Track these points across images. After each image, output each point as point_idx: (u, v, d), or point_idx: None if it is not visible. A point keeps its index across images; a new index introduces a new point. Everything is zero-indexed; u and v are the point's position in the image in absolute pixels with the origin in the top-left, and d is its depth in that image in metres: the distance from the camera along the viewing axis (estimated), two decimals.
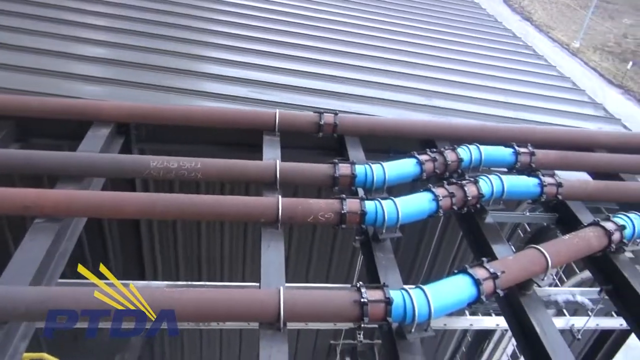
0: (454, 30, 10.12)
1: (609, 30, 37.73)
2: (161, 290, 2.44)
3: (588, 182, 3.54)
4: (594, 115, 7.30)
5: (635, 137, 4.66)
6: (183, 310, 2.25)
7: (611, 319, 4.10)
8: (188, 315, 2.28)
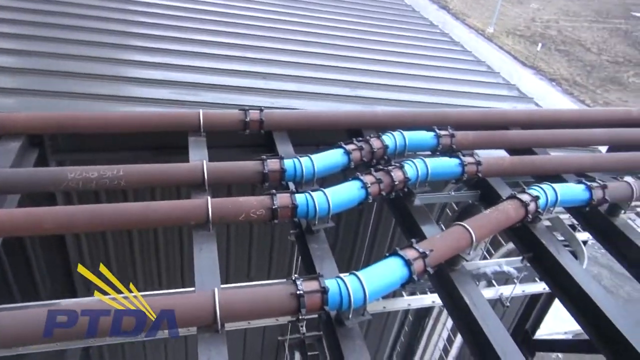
0: (374, 21, 10.35)
1: (519, 15, 40.08)
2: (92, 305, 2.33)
3: (504, 159, 3.75)
4: (508, 96, 7.75)
5: (546, 113, 5.01)
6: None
7: (535, 284, 4.39)
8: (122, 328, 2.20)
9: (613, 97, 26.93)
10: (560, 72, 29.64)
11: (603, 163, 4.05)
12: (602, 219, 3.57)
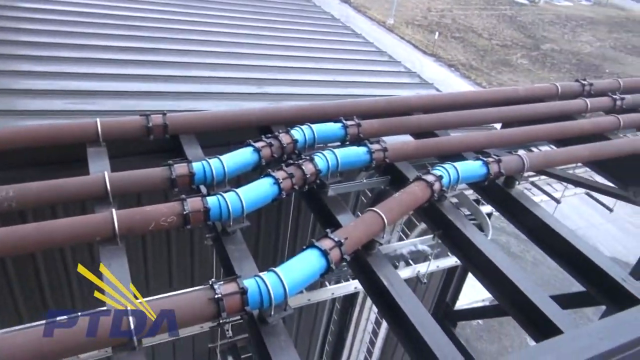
0: (277, 17, 10.36)
1: (416, 5, 42.00)
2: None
3: (409, 143, 3.92)
4: (410, 83, 8.10)
5: (444, 97, 5.28)
6: (22, 357, 2.01)
7: (448, 259, 4.66)
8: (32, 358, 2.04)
9: (505, 78, 29.10)
10: (457, 57, 31.49)
11: (497, 139, 4.35)
12: (500, 191, 3.85)
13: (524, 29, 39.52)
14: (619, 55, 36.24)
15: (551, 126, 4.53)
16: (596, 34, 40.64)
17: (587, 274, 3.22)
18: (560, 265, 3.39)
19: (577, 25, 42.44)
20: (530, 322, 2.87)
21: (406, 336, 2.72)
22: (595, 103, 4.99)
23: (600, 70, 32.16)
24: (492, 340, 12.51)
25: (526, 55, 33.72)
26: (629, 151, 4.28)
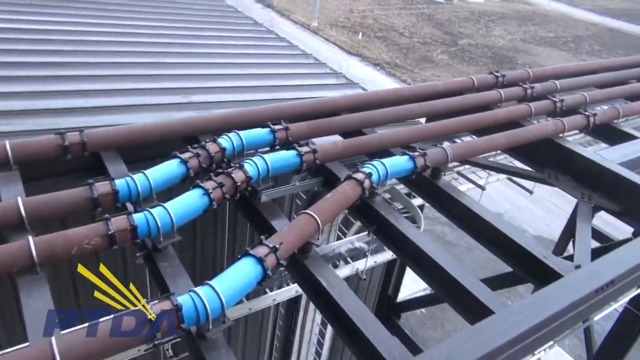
0: (199, 25, 10.17)
1: (338, 7, 42.68)
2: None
3: (337, 143, 3.97)
4: (336, 84, 8.22)
5: (369, 95, 5.39)
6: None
7: (384, 253, 4.77)
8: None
9: (428, 74, 30.25)
10: (381, 56, 32.34)
11: (422, 133, 4.50)
12: (428, 183, 3.99)
13: (441, 26, 41.29)
14: (529, 46, 38.74)
15: (470, 117, 4.75)
16: (507, 28, 43.20)
17: (513, 255, 3.41)
18: (488, 248, 3.57)
19: (489, 21, 44.91)
20: (464, 306, 3.00)
21: (349, 335, 2.75)
22: (509, 93, 5.29)
23: (513, 62, 34.22)
24: (435, 326, 12.95)
25: (446, 51, 35.23)
26: (540, 136, 4.58)
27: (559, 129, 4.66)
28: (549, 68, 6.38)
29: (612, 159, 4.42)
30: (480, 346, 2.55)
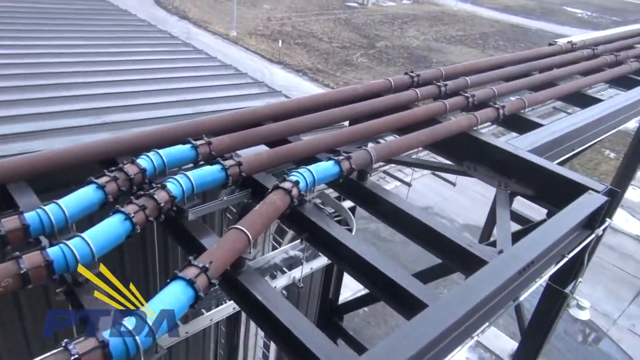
0: (111, 41, 9.76)
1: (256, 16, 42.64)
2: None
3: (262, 154, 3.93)
4: (259, 93, 8.18)
5: (292, 103, 5.38)
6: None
7: (320, 259, 4.79)
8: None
9: (350, 77, 30.92)
10: (303, 62, 32.66)
11: (345, 137, 4.58)
12: (356, 185, 4.05)
13: (358, 30, 42.40)
14: (441, 45, 40.71)
15: (391, 118, 4.89)
16: (420, 29, 45.16)
17: (440, 247, 3.54)
18: (417, 242, 3.68)
19: (403, 23, 46.73)
20: (400, 303, 3.07)
21: (290, 347, 2.72)
22: (424, 92, 5.51)
23: (428, 60, 35.80)
24: (379, 323, 13.20)
25: (365, 54, 36.20)
26: (457, 130, 4.80)
27: (473, 123, 4.91)
28: (460, 65, 6.72)
29: (522, 147, 4.72)
30: (418, 340, 2.62)
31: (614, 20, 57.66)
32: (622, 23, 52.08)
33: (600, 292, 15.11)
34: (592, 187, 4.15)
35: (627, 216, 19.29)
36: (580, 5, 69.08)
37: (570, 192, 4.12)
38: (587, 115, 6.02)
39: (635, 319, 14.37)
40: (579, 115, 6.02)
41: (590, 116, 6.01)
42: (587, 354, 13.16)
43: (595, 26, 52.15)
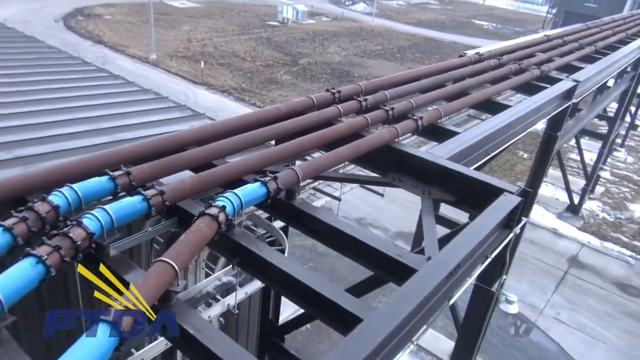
0: (19, 70, 9.17)
1: (175, 38, 41.86)
2: None
3: (186, 181, 3.82)
4: (182, 117, 8.00)
5: (215, 126, 5.27)
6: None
7: (254, 282, 4.71)
8: None
9: (276, 95, 31.04)
10: (228, 82, 32.39)
11: (272, 157, 4.56)
12: (284, 204, 4.04)
13: (281, 48, 42.78)
14: (361, 60, 41.98)
15: (315, 135, 4.94)
16: (341, 45, 46.35)
17: (371, 259, 3.60)
18: (349, 256, 3.72)
19: (324, 39, 47.75)
20: (335, 320, 3.07)
21: None
22: (346, 107, 5.63)
23: (350, 75, 36.75)
24: (322, 339, 13.16)
25: (289, 71, 36.54)
26: (379, 143, 4.94)
27: (394, 135, 5.08)
28: (378, 80, 6.94)
29: (441, 155, 4.94)
30: (356, 354, 2.62)
31: (516, 31, 62.38)
32: (522, 33, 56.51)
33: (526, 285, 16.02)
34: (507, 189, 4.41)
35: (543, 211, 20.70)
36: (485, 18, 74.19)
37: (488, 195, 4.35)
38: (498, 121, 6.41)
39: (559, 308, 15.35)
40: (490, 122, 6.40)
41: (501, 122, 6.41)
42: (520, 345, 13.86)
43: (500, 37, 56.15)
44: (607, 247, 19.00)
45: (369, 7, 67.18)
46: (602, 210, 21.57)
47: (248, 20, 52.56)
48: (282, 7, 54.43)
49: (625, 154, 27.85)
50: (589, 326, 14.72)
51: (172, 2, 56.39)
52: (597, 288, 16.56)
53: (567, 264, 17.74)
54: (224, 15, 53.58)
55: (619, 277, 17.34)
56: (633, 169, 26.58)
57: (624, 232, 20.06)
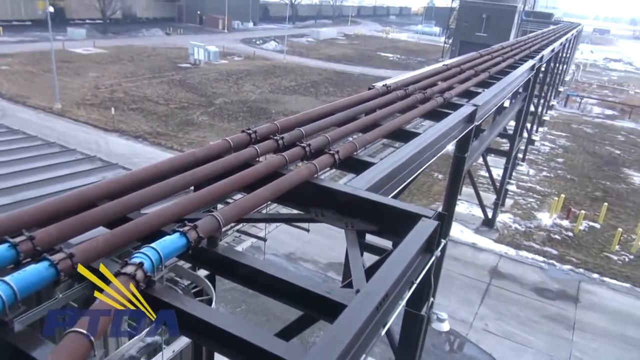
0: None
1: (82, 85, 40.18)
2: None
3: (98, 239, 3.59)
4: (92, 169, 7.61)
5: (127, 178, 5.02)
6: None
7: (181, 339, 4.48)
8: None
9: (193, 136, 30.50)
10: (141, 127, 31.38)
11: (191, 204, 4.42)
12: (207, 252, 3.92)
13: (195, 89, 42.36)
14: (277, 96, 42.58)
15: (234, 178, 4.88)
16: (255, 83, 46.80)
17: (300, 299, 3.56)
18: (277, 299, 3.65)
19: (238, 78, 47.99)
20: None
21: None
22: (263, 147, 5.64)
23: (267, 112, 37.08)
24: None
25: (205, 112, 36.15)
26: (299, 180, 4.98)
27: (313, 171, 5.15)
28: (293, 117, 7.06)
29: (360, 187, 5.07)
30: None
31: (419, 61, 66.68)
32: (425, 62, 60.50)
33: (454, 301, 16.62)
34: (425, 214, 4.60)
35: (462, 227, 21.78)
36: (390, 50, 78.75)
37: (407, 221, 4.51)
38: (410, 148, 6.73)
39: (486, 319, 16.04)
40: (404, 150, 6.70)
41: (413, 149, 6.73)
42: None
43: (405, 67, 59.70)
44: (522, 255, 20.28)
45: (280, 45, 68.86)
46: (514, 222, 23.10)
47: (159, 64, 51.72)
48: (193, 49, 54.22)
49: (527, 167, 30.23)
50: (515, 333, 15.48)
51: (75, 49, 54.28)
52: (518, 296, 17.54)
53: (488, 275, 18.68)
54: (133, 60, 52.35)
55: (535, 283, 18.50)
56: (535, 180, 28.87)
57: (535, 240, 21.57)
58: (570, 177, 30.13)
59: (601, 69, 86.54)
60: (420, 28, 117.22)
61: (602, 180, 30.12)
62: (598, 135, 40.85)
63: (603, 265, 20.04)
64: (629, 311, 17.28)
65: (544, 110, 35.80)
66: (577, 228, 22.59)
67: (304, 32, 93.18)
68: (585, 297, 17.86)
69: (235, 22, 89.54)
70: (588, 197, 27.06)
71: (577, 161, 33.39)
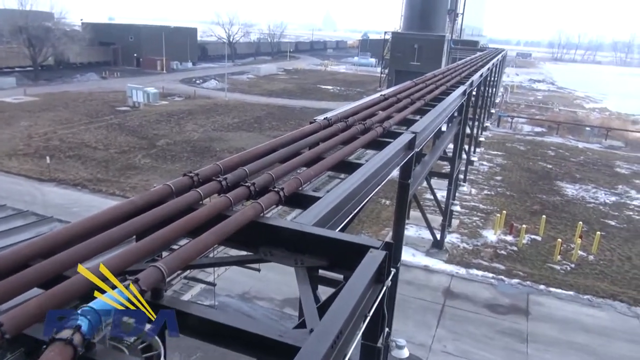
0: None
1: (13, 135, 38.39)
2: None
3: (29, 303, 3.32)
4: (26, 224, 7.19)
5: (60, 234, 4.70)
6: None
7: None
8: None
9: (136, 180, 29.61)
10: (80, 175, 30.18)
11: (134, 255, 4.23)
12: (151, 306, 3.73)
13: (135, 132, 41.39)
14: (221, 134, 42.32)
15: (178, 223, 4.74)
16: (198, 122, 46.37)
17: (252, 345, 3.46)
18: (229, 348, 3.53)
19: (180, 119, 47.39)
20: None
21: None
22: (207, 189, 5.54)
23: (212, 150, 36.70)
24: None
25: (147, 154, 35.29)
26: (245, 221, 4.90)
27: (258, 211, 5.10)
28: (236, 156, 7.01)
29: (307, 222, 5.06)
30: None
31: (358, 91, 68.60)
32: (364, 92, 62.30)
33: (411, 326, 16.72)
34: (372, 245, 4.63)
35: (413, 251, 22.16)
36: (329, 82, 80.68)
37: (356, 254, 4.52)
38: (354, 179, 6.82)
39: (444, 340, 16.20)
40: (348, 181, 6.78)
41: (357, 180, 6.83)
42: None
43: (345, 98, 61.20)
44: (472, 273, 20.81)
45: (221, 83, 68.90)
46: (462, 241, 23.77)
47: (96, 108, 50.33)
48: (131, 91, 53.27)
49: (469, 187, 31.39)
50: (473, 352, 15.71)
51: (4, 98, 51.97)
52: (472, 314, 17.89)
53: (442, 296, 18.98)
54: (67, 106, 50.67)
55: (487, 299, 18.98)
56: (478, 199, 29.99)
57: (483, 257, 22.23)
58: (510, 193, 31.53)
59: (527, 89, 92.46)
60: (357, 60, 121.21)
61: (539, 194, 31.71)
62: (530, 152, 43.21)
63: (548, 275, 20.89)
64: (576, 318, 18.01)
65: (479, 131, 37.61)
66: (520, 242, 23.52)
67: (244, 69, 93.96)
68: (535, 309, 18.47)
69: (174, 62, 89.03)
70: (527, 211, 28.35)
71: (514, 178, 35.05)
